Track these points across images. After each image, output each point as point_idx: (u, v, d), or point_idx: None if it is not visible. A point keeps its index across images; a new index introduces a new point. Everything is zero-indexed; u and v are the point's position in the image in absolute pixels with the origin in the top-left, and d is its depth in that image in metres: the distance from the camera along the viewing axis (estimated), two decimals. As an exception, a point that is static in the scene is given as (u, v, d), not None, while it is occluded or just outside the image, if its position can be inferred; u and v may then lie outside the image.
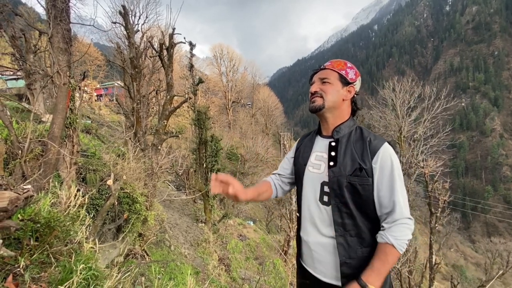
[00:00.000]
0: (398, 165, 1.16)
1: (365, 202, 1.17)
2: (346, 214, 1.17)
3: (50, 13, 3.52)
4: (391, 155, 1.15)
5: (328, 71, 1.28)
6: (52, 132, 2.67)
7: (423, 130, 11.58)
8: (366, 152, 1.16)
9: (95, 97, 28.76)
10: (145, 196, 4.26)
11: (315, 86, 1.29)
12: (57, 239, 1.24)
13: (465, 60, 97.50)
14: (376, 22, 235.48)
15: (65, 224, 1.28)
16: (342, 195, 1.17)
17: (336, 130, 1.26)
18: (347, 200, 1.16)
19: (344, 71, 1.27)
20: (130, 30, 5.25)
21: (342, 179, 1.16)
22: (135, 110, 4.83)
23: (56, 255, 1.21)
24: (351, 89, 1.29)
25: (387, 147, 1.16)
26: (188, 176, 11.53)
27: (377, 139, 1.19)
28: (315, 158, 1.30)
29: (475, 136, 77.73)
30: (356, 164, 1.16)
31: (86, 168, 3.82)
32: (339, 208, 1.18)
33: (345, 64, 1.29)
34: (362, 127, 1.27)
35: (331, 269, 1.21)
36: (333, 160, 1.21)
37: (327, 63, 1.33)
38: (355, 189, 1.15)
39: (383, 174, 1.13)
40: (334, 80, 1.26)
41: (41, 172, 2.45)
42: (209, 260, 7.03)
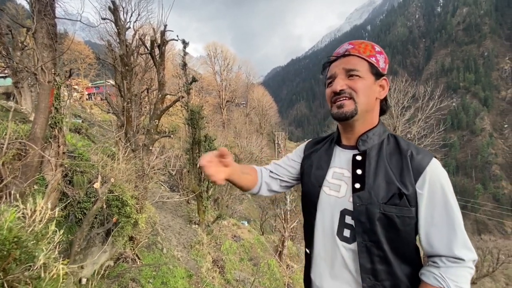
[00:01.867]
0: (451, 188, 0.83)
1: (405, 242, 0.85)
2: (378, 257, 0.84)
3: (34, 7, 3.35)
4: (443, 176, 0.83)
5: (354, 58, 0.91)
6: (34, 132, 2.51)
7: (417, 130, 11.66)
8: (408, 171, 0.83)
9: (86, 95, 28.28)
10: (135, 199, 4.12)
11: (340, 81, 0.91)
12: (17, 262, 1.08)
13: (456, 60, 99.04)
14: (369, 22, 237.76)
15: (27, 244, 1.13)
16: (373, 231, 0.84)
17: (361, 139, 0.93)
18: (380, 239, 0.84)
19: (374, 58, 0.91)
20: (121, 26, 5.08)
21: (373, 208, 0.84)
22: (125, 109, 4.68)
23: (13, 283, 1.05)
24: (384, 83, 0.95)
25: (436, 165, 0.84)
26: (182, 177, 11.36)
27: (421, 153, 0.86)
28: (333, 175, 0.97)
29: (466, 135, 79.05)
30: (393, 188, 0.83)
31: (73, 170, 3.66)
32: (368, 249, 0.85)
33: (372, 47, 0.93)
34: (397, 135, 0.94)
35: None
36: (360, 181, 0.88)
37: (349, 46, 0.94)
38: (391, 223, 0.83)
39: (434, 202, 0.81)
40: (366, 72, 0.90)
41: (22, 176, 2.30)
42: (203, 263, 6.90)
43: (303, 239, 1.21)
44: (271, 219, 19.19)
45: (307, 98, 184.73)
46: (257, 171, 1.17)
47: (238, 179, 1.05)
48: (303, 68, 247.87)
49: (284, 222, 11.20)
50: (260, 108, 43.50)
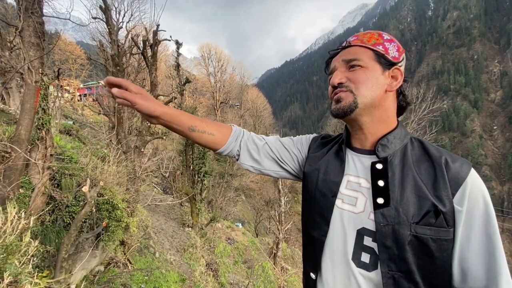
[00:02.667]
0: (493, 208, 0.67)
1: (441, 271, 0.67)
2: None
3: (20, 4, 3.24)
4: (484, 191, 0.67)
5: (356, 48, 0.78)
6: (18, 134, 2.41)
7: (410, 132, 11.74)
8: (444, 183, 0.67)
9: (78, 96, 27.84)
10: (127, 202, 4.02)
11: (339, 74, 0.78)
12: None
13: (446, 63, 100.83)
14: (362, 25, 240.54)
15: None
16: (402, 259, 0.67)
17: (381, 143, 0.76)
18: (412, 268, 0.66)
19: (381, 46, 0.77)
20: (112, 26, 4.98)
21: (402, 229, 0.66)
22: (116, 111, 4.57)
23: None
24: (397, 73, 0.78)
25: (477, 177, 0.68)
26: (175, 179, 11.23)
27: (458, 161, 0.70)
28: (347, 185, 0.78)
29: (457, 136, 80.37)
30: (426, 203, 0.66)
31: (62, 173, 3.54)
32: (396, 281, 0.67)
33: (380, 35, 0.79)
34: (422, 139, 0.78)
35: None
36: (383, 195, 0.71)
37: (352, 37, 0.82)
38: (425, 248, 0.66)
39: (473, 223, 0.65)
40: (369, 61, 0.76)
41: (5, 179, 2.19)
42: (196, 266, 6.80)
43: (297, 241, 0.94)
44: (266, 221, 19.12)
45: (301, 99, 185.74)
46: (230, 130, 0.94)
47: (181, 127, 0.85)
48: (297, 70, 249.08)
49: (279, 224, 11.15)
50: (254, 109, 43.47)
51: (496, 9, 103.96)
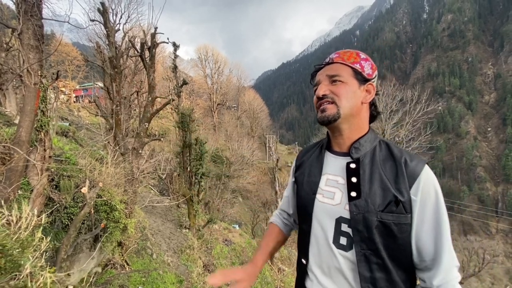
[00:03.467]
0: (442, 197, 0.84)
1: (403, 249, 0.85)
2: (377, 265, 0.84)
3: (20, 7, 3.27)
4: (435, 184, 0.84)
5: (337, 65, 0.95)
6: (19, 136, 2.44)
7: (405, 133, 11.90)
8: (403, 178, 0.84)
9: (74, 98, 27.71)
10: (124, 203, 4.04)
11: (323, 87, 0.94)
12: (2, 271, 1.04)
13: (441, 65, 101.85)
14: (358, 27, 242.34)
15: (13, 252, 1.09)
16: (371, 240, 0.84)
17: (354, 146, 0.93)
18: (379, 247, 0.83)
19: (358, 65, 0.94)
20: (110, 28, 5.01)
21: (370, 216, 0.83)
22: (114, 112, 4.60)
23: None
24: (370, 87, 0.96)
25: (429, 172, 0.85)
26: (172, 180, 11.22)
27: (415, 159, 0.86)
28: (327, 182, 0.96)
29: (451, 138, 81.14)
30: (389, 195, 0.83)
31: (60, 174, 3.56)
32: (367, 258, 0.85)
33: (357, 55, 0.96)
34: (388, 142, 0.95)
35: None
36: (356, 190, 0.87)
37: (334, 55, 0.99)
38: (389, 230, 0.83)
39: (425, 209, 0.83)
40: (348, 77, 0.92)
41: (6, 180, 2.22)
42: (194, 268, 6.81)
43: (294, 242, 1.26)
44: (263, 222, 19.14)
45: (298, 101, 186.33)
46: (279, 227, 1.22)
47: (274, 254, 1.17)
48: (293, 72, 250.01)
49: (276, 225, 11.18)
50: (251, 111, 43.55)
51: (490, 12, 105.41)
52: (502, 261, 38.71)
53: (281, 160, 31.70)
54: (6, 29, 10.04)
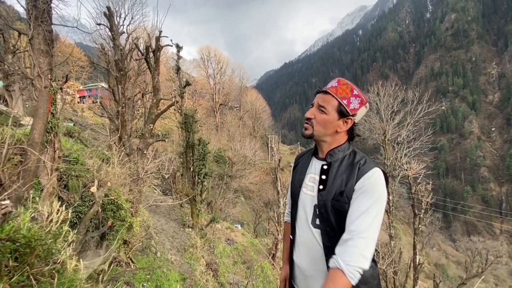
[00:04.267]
0: (381, 192, 1.09)
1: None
2: (333, 237, 1.14)
3: (30, 13, 3.39)
4: (377, 180, 1.10)
5: (329, 97, 1.19)
6: (33, 138, 2.56)
7: (406, 134, 11.93)
8: (353, 176, 1.13)
9: (78, 98, 27.96)
10: (130, 202, 4.16)
11: (311, 111, 1.24)
12: (38, 258, 1.18)
13: (444, 65, 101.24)
14: (361, 27, 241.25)
15: (47, 242, 1.23)
16: (328, 220, 1.16)
17: (329, 153, 1.24)
18: (334, 224, 1.15)
19: (346, 100, 1.17)
20: (115, 32, 5.14)
21: (328, 203, 1.16)
22: (120, 114, 4.72)
23: (37, 276, 1.15)
24: (349, 121, 1.21)
25: (376, 172, 1.11)
26: (175, 180, 11.35)
27: (367, 163, 1.14)
28: (309, 179, 1.29)
29: (455, 138, 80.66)
30: (340, 188, 1.14)
31: (69, 174, 3.69)
32: (327, 232, 1.17)
33: (351, 91, 1.18)
34: (357, 151, 1.23)
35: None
36: (323, 184, 1.19)
37: (333, 84, 1.22)
38: (338, 212, 1.13)
39: (360, 195, 1.09)
40: (331, 110, 1.18)
41: (19, 180, 2.34)
42: (197, 266, 6.92)
43: None
44: (265, 222, 19.23)
45: (300, 101, 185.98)
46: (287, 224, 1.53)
47: None
48: (296, 72, 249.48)
49: (278, 225, 11.27)
50: (253, 111, 43.61)
51: (493, 12, 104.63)
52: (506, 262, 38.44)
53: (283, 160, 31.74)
54: (12, 31, 10.23)
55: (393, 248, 10.36)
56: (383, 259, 9.15)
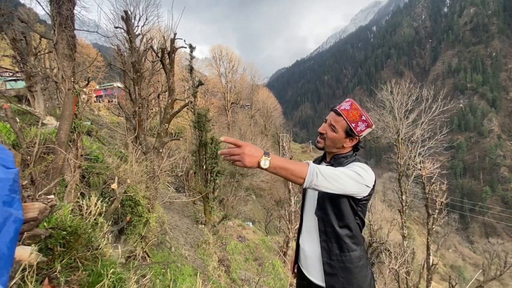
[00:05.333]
0: (360, 166, 1.30)
1: (343, 213, 1.36)
2: (327, 223, 1.39)
3: (55, 20, 3.60)
4: (358, 165, 1.32)
5: (340, 118, 1.42)
6: (59, 137, 2.75)
7: (420, 132, 11.70)
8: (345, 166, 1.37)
9: (94, 98, 28.81)
10: (147, 199, 4.34)
11: (324, 127, 1.48)
12: (81, 245, 1.34)
13: (463, 61, 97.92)
14: (375, 23, 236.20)
15: (87, 231, 1.39)
16: (324, 208, 1.39)
17: (334, 157, 1.49)
18: (328, 212, 1.38)
19: (354, 124, 1.40)
20: (132, 34, 5.33)
21: (325, 194, 1.35)
22: (137, 114, 4.91)
23: (81, 260, 1.32)
24: (354, 140, 1.45)
25: (360, 163, 1.34)
26: (188, 178, 11.59)
27: (357, 161, 1.39)
28: None
29: (473, 137, 78.01)
30: None
31: (90, 171, 3.89)
32: (322, 219, 1.41)
33: (360, 116, 1.40)
34: (359, 159, 1.45)
35: (320, 272, 1.41)
36: None
37: (346, 107, 1.43)
38: (332, 201, 1.36)
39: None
40: (340, 130, 1.41)
41: (47, 177, 2.53)
42: (209, 261, 7.10)
43: None
44: (276, 220, 19.32)
45: (312, 99, 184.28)
46: None
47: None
48: (308, 70, 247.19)
49: (289, 223, 11.35)
50: (264, 109, 43.61)
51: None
52: (527, 266, 36.94)
53: (294, 159, 31.68)
54: (34, 34, 10.68)
55: (405, 248, 10.23)
56: (395, 259, 9.06)
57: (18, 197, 0.83)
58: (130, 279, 1.68)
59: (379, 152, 77.86)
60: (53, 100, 10.98)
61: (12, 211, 0.78)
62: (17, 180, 0.85)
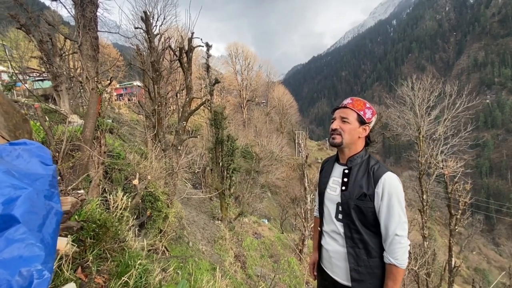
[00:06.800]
0: (397, 191, 1.35)
1: (370, 221, 1.41)
2: (354, 230, 1.43)
3: (79, 22, 3.76)
4: (392, 183, 1.36)
5: (348, 110, 1.49)
6: (85, 135, 2.88)
7: (443, 130, 11.23)
8: (371, 180, 1.40)
9: (115, 96, 29.76)
10: (166, 194, 4.46)
11: (336, 123, 1.50)
12: (109, 237, 1.43)
13: (490, 54, 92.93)
14: (395, 16, 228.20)
15: (114, 224, 1.48)
16: (350, 215, 1.42)
17: (350, 159, 1.51)
18: (354, 219, 1.42)
19: (362, 112, 1.47)
20: (151, 34, 5.46)
21: (350, 201, 1.42)
22: (156, 112, 5.05)
23: (109, 251, 1.41)
24: (367, 127, 1.50)
25: (389, 175, 1.38)
26: (205, 175, 11.78)
27: (380, 168, 1.42)
28: (332, 182, 1.57)
29: (501, 134, 74.13)
30: (362, 190, 1.41)
31: (112, 167, 4.05)
32: (348, 225, 1.44)
33: (364, 104, 1.49)
34: (371, 157, 1.51)
35: (346, 273, 1.46)
36: (345, 185, 1.47)
37: (348, 101, 1.52)
38: (360, 210, 1.40)
39: (383, 199, 1.35)
40: (353, 120, 1.47)
41: (74, 173, 2.66)
42: (226, 257, 7.21)
43: None
44: (291, 218, 19.23)
45: (329, 96, 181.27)
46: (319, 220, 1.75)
47: None
48: (324, 66, 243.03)
49: (305, 221, 11.29)
50: (280, 107, 43.41)
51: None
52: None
53: (310, 156, 31.41)
54: (58, 36, 11.15)
55: (426, 249, 9.92)
56: (415, 260, 8.82)
57: (57, 192, 0.89)
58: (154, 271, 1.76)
59: (398, 150, 75.44)
60: (77, 99, 11.47)
61: (53, 204, 0.84)
62: (55, 176, 0.92)
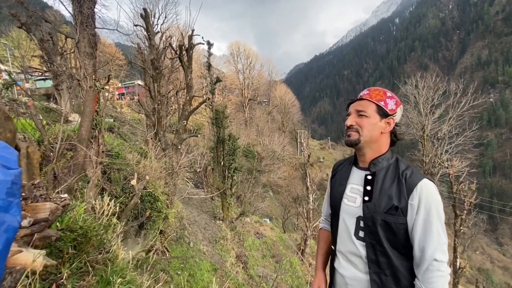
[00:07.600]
0: (437, 204, 1.06)
1: (401, 242, 1.11)
2: (380, 252, 1.12)
3: (76, 19, 3.67)
4: (430, 193, 1.07)
5: (365, 102, 1.20)
6: (81, 134, 2.80)
7: (447, 129, 11.08)
8: (403, 189, 1.09)
9: (117, 95, 29.76)
10: (166, 195, 4.38)
11: (351, 118, 1.21)
12: (92, 247, 1.32)
13: (494, 53, 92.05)
14: (398, 15, 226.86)
15: (99, 233, 1.36)
16: (376, 232, 1.12)
17: (373, 162, 1.20)
18: (381, 238, 1.11)
19: (383, 102, 1.17)
20: (151, 32, 5.37)
21: (376, 216, 1.11)
22: (156, 111, 4.96)
23: (92, 263, 1.28)
24: (391, 121, 1.19)
25: (426, 184, 1.08)
26: (206, 174, 11.70)
27: (414, 174, 1.11)
28: (350, 190, 1.25)
29: (505, 133, 73.47)
30: (391, 202, 1.10)
31: (111, 167, 3.97)
32: (373, 245, 1.13)
33: (384, 93, 1.20)
34: (399, 159, 1.20)
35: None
36: (368, 195, 1.16)
37: (365, 92, 1.23)
38: (389, 227, 1.10)
39: (418, 213, 1.06)
40: (372, 112, 1.17)
41: (70, 173, 2.58)
42: (227, 257, 7.13)
43: None
44: (293, 217, 19.15)
45: (331, 95, 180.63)
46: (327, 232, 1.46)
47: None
48: (326, 64, 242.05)
49: (307, 221, 11.19)
50: (282, 106, 43.27)
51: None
52: None
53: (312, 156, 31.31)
54: (60, 35, 11.12)
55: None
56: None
57: (17, 201, 0.76)
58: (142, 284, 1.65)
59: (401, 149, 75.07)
60: (78, 98, 11.43)
61: (6, 217, 0.72)
62: (18, 182, 0.79)
